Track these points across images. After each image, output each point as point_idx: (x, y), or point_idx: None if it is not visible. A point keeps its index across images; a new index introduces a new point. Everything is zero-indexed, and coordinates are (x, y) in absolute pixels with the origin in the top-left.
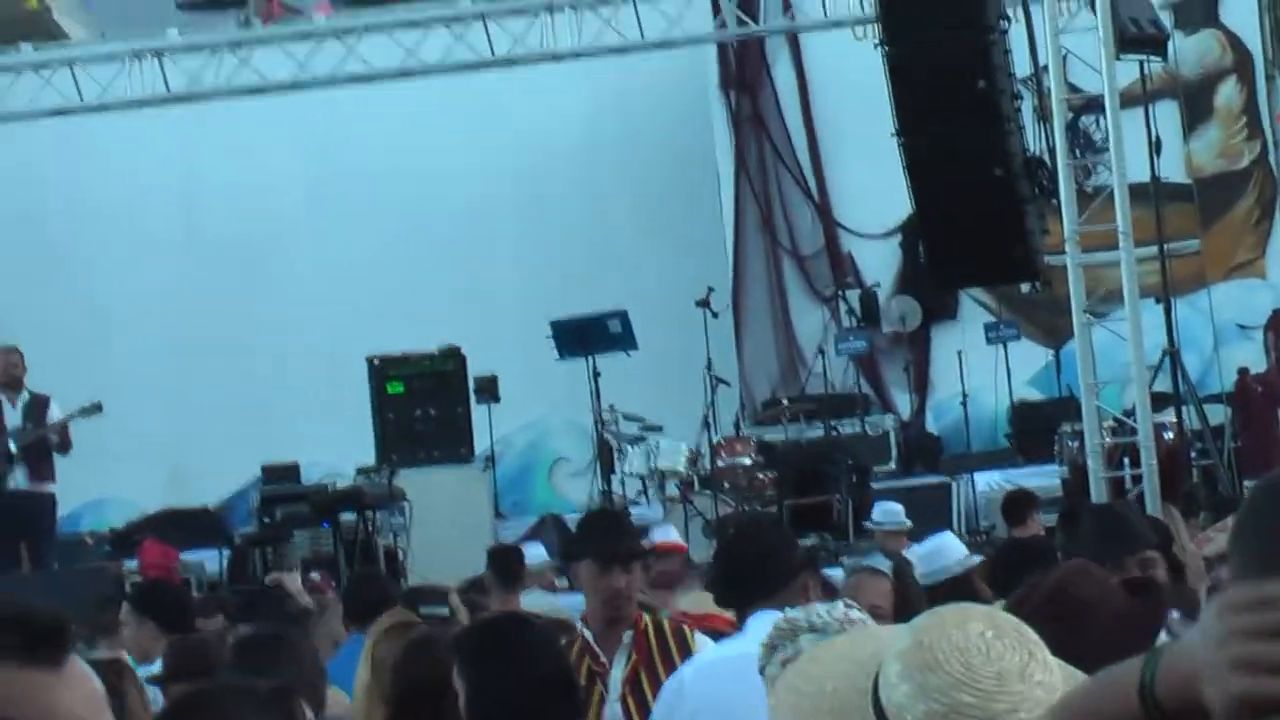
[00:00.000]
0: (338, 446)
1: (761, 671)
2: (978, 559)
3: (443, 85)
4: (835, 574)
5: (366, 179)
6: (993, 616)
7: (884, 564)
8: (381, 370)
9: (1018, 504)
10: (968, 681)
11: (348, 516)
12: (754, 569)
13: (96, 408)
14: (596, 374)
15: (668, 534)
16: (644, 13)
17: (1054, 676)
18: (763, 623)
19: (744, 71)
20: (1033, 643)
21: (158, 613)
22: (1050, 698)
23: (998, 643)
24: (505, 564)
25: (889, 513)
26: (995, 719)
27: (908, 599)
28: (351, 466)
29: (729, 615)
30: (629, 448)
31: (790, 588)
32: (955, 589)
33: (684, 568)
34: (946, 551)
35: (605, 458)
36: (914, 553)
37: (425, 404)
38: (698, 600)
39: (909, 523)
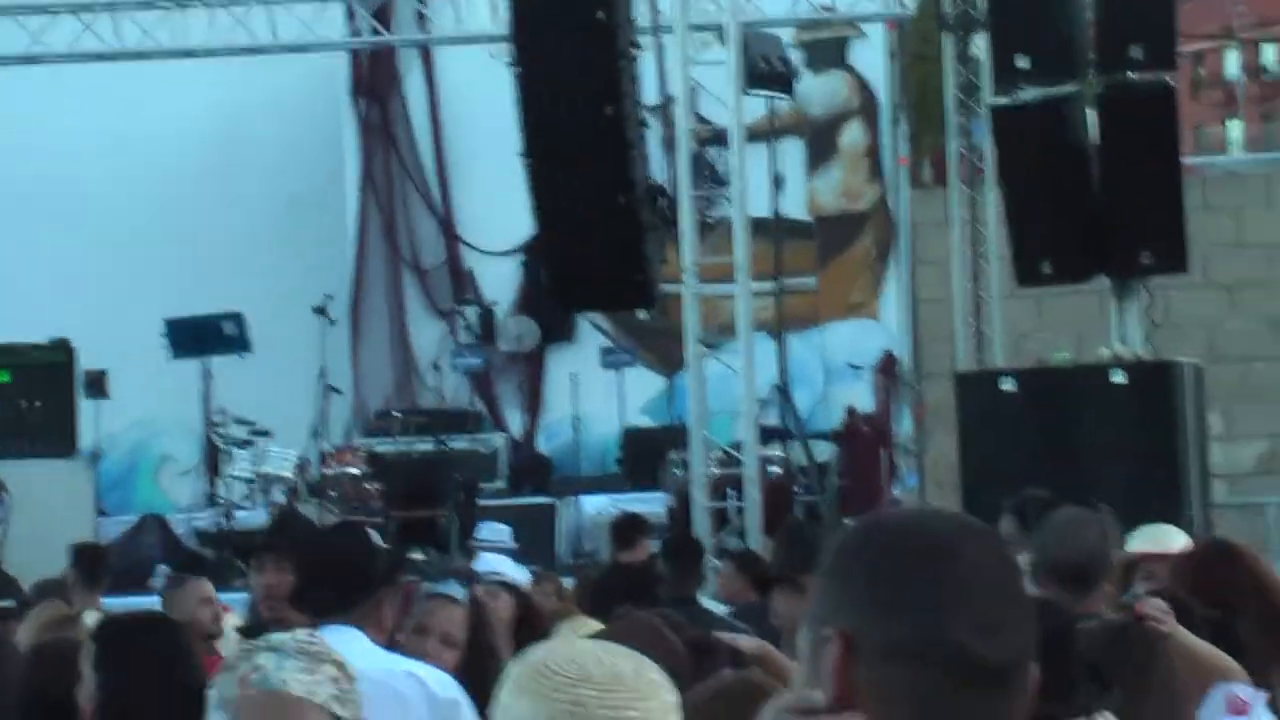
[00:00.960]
0: None
1: (211, 688)
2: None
3: (71, 71)
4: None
5: None
6: (599, 641)
7: (459, 591)
8: None
9: (627, 528)
10: (584, 679)
11: None
12: (328, 580)
13: None
14: (209, 375)
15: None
16: (278, 15)
17: (666, 678)
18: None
19: (375, 80)
20: (635, 655)
21: None
22: (670, 697)
23: (607, 655)
24: (90, 562)
25: (495, 532)
26: (617, 712)
27: (530, 620)
28: None
29: None
30: (237, 451)
31: (367, 604)
32: None
33: None
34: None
35: (212, 460)
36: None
37: (31, 395)
38: None
39: (514, 543)
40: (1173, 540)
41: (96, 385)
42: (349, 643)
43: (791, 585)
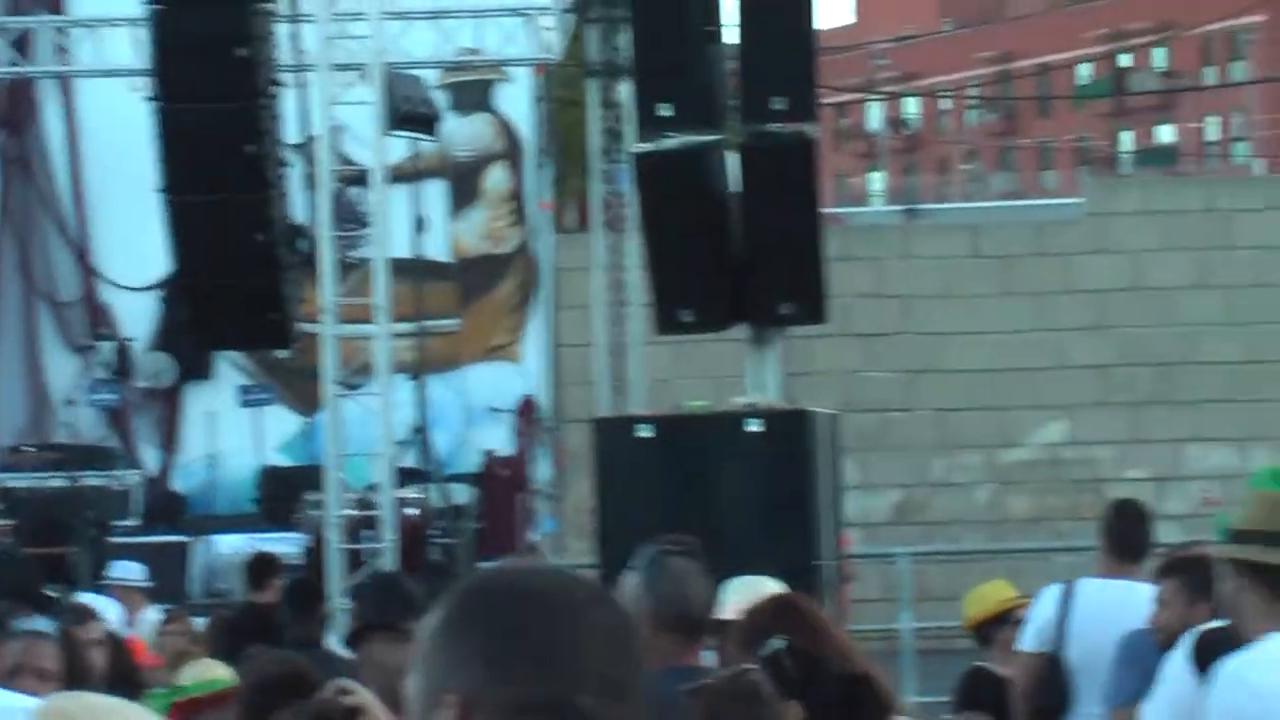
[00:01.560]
0: None
1: None
2: None
3: None
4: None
5: None
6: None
7: (49, 627)
8: None
9: (260, 568)
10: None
11: None
12: None
13: None
14: None
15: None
16: None
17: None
18: None
19: (13, 111)
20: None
21: None
22: None
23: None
24: None
25: (127, 569)
26: None
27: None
28: None
29: None
30: None
31: None
32: None
33: None
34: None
35: None
36: None
37: None
38: None
39: (148, 582)
40: (767, 592)
41: None
42: None
43: (388, 633)
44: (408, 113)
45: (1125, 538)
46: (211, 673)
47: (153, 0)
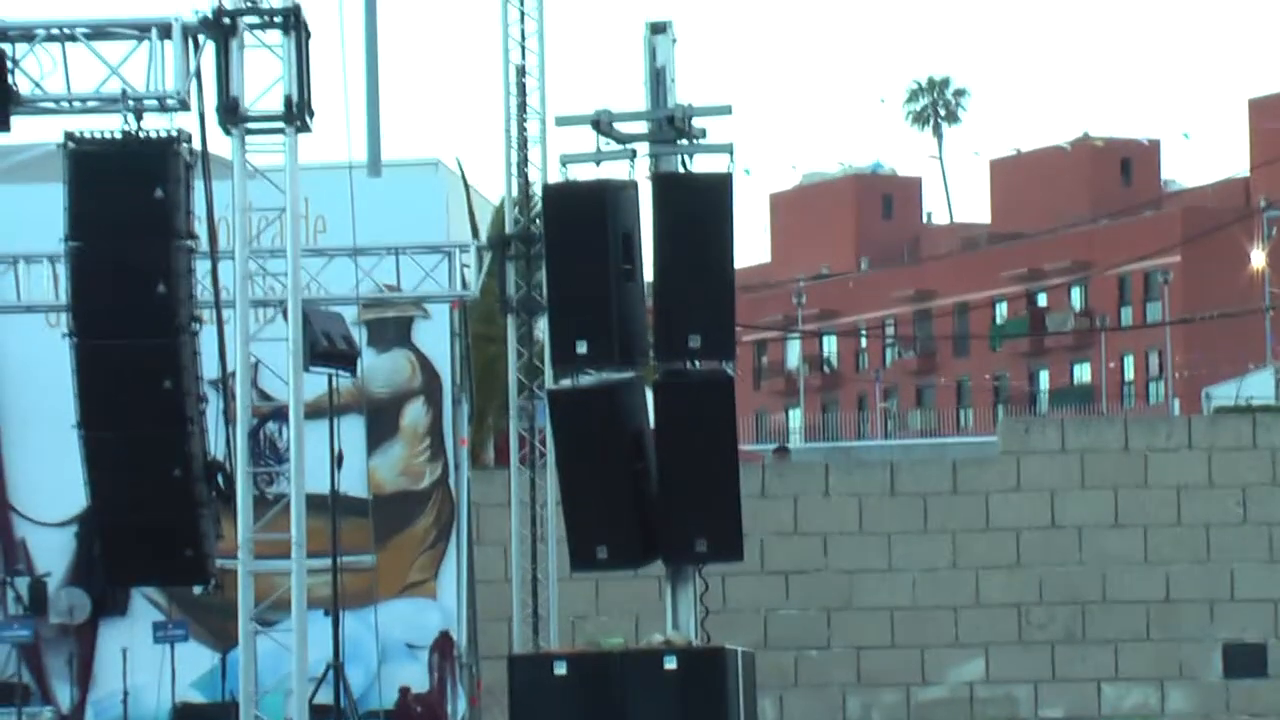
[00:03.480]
0: None
1: None
2: None
3: None
4: None
5: None
6: None
7: None
8: None
9: None
10: None
11: None
12: None
13: None
14: None
15: None
16: None
17: None
18: None
19: None
20: None
21: None
22: None
23: None
24: None
25: None
26: None
27: None
28: None
29: None
30: None
31: None
32: None
33: None
34: None
35: None
36: None
37: None
38: None
39: None
40: None
41: None
42: None
43: None
44: (326, 349)
45: None
46: None
47: (72, 236)
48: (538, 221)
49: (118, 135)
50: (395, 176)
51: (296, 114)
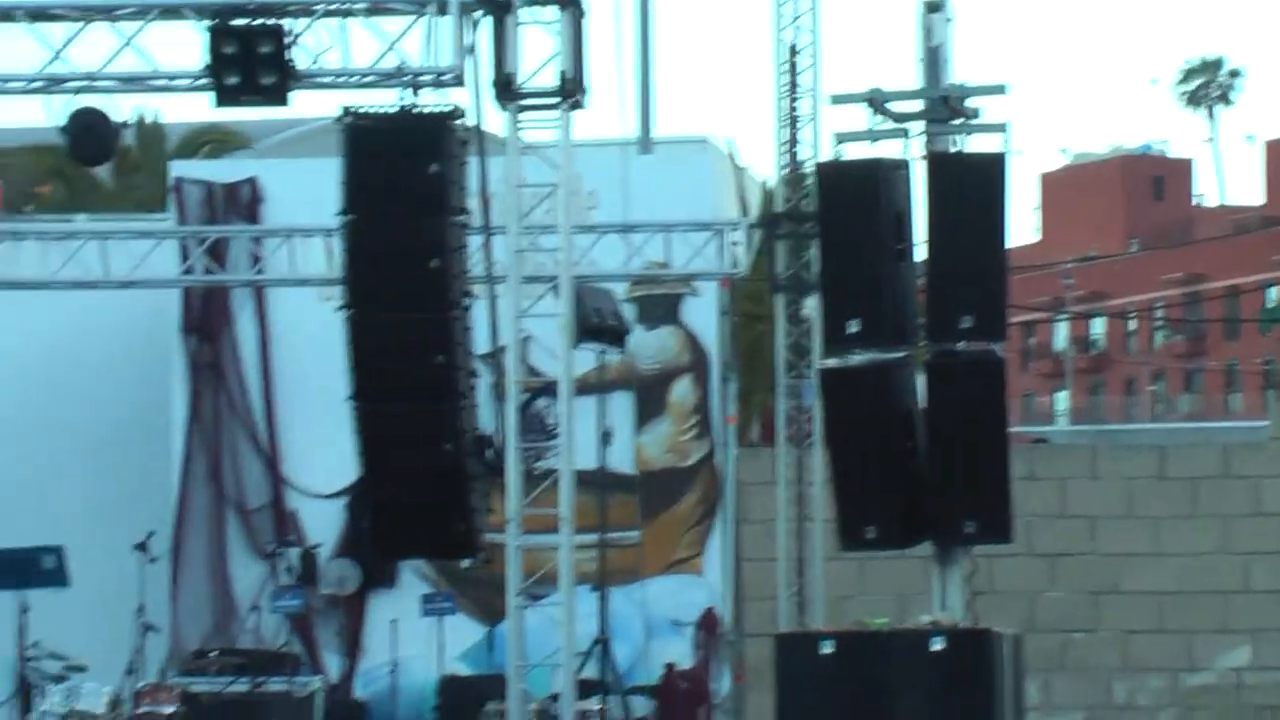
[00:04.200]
0: None
1: None
2: None
3: None
4: None
5: None
6: None
7: None
8: None
9: None
10: None
11: None
12: None
13: None
14: (25, 609)
15: None
16: (111, 250)
17: None
18: None
19: (207, 318)
20: None
21: None
22: None
23: None
24: None
25: None
26: None
27: None
28: None
29: None
30: (50, 686)
31: None
32: None
33: None
34: None
35: (25, 695)
36: None
37: None
38: None
39: None
40: None
41: None
42: None
43: None
44: (597, 325)
45: None
46: None
47: (346, 210)
48: (807, 200)
49: (394, 110)
50: (665, 154)
51: (571, 91)
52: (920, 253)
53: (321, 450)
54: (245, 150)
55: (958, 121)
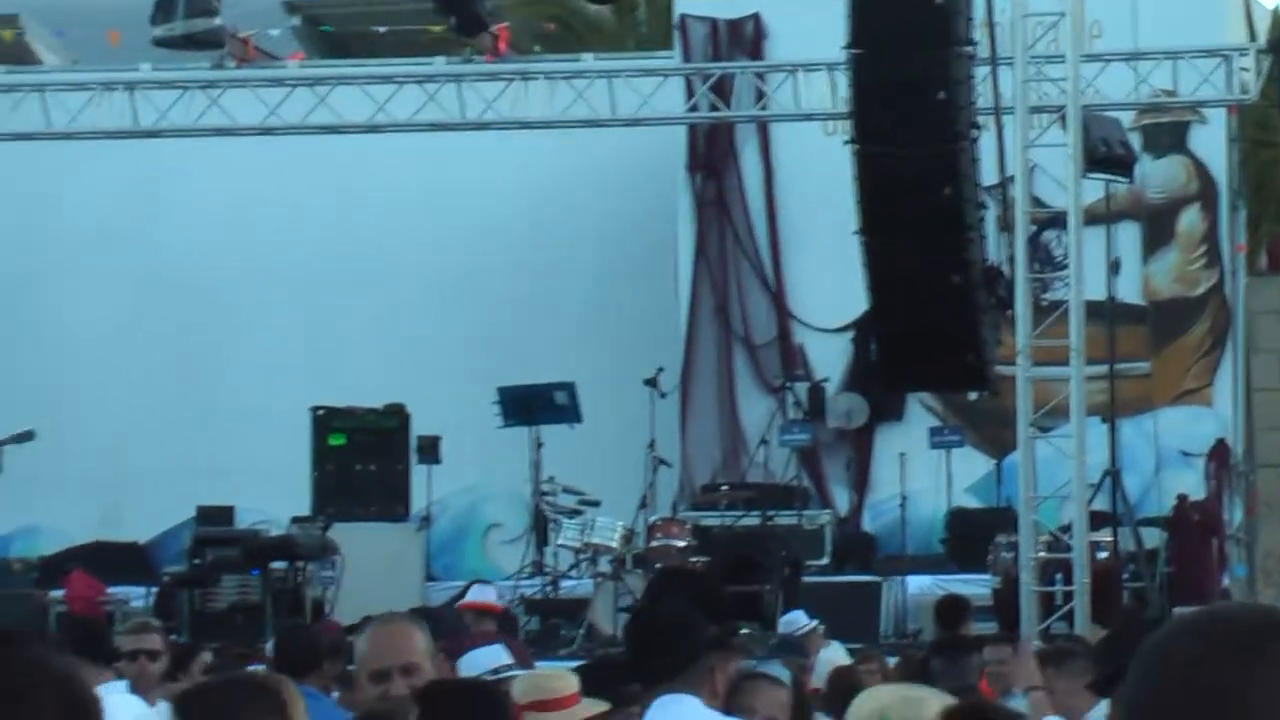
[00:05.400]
0: (275, 495)
1: None
2: None
3: (407, 144)
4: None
5: (323, 232)
6: None
7: (783, 673)
8: (325, 421)
9: (952, 609)
10: None
11: (278, 565)
12: (655, 646)
13: (28, 435)
14: (539, 444)
15: (483, 594)
16: (617, 89)
17: None
18: (666, 711)
19: (711, 155)
20: None
21: (81, 649)
22: None
23: None
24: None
25: (790, 622)
26: None
27: (800, 706)
28: (286, 516)
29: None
30: (564, 520)
31: (694, 670)
32: None
33: (503, 630)
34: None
35: (540, 528)
36: None
37: (365, 459)
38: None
39: (816, 623)
40: None
41: (429, 450)
42: (684, 710)
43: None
44: (1104, 155)
45: None
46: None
47: (852, 45)
48: None
49: None
50: None
51: None
52: None
53: (827, 284)
54: None
55: None
